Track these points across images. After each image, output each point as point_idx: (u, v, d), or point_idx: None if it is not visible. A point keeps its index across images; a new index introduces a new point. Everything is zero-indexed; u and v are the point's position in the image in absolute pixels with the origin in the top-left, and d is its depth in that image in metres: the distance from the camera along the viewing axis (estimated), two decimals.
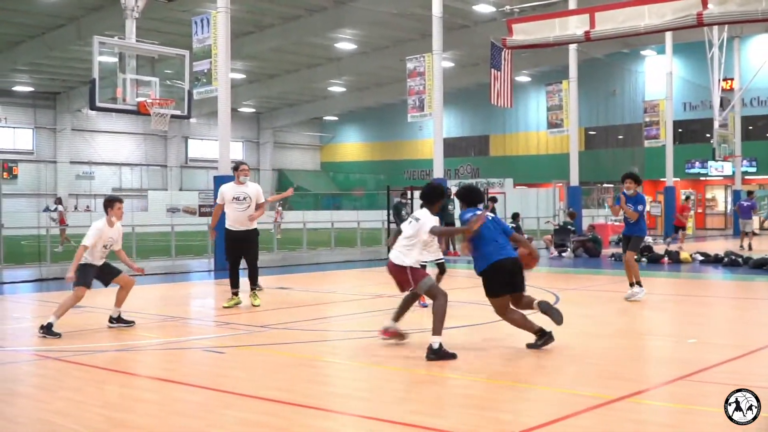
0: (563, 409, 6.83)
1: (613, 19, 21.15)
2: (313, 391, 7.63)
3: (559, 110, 33.98)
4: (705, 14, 19.33)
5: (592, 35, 21.54)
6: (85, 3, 36.19)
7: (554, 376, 8.30)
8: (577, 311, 13.38)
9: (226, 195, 13.52)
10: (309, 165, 73.17)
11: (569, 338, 10.64)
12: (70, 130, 56.10)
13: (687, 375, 8.08)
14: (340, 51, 48.12)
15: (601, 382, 7.90)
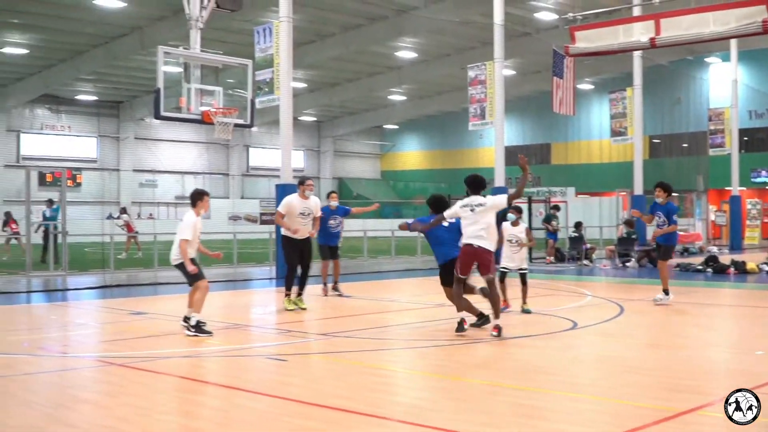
0: (627, 421, 6.72)
1: (677, 26, 20.88)
2: (375, 400, 7.60)
3: (623, 118, 33.62)
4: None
5: (657, 42, 21.27)
6: (149, 13, 36.66)
7: (617, 388, 8.17)
8: (641, 322, 13.24)
9: (293, 209, 14.06)
10: (369, 173, 73.29)
11: (633, 349, 10.52)
12: (133, 138, 56.84)
13: (755, 387, 7.87)
14: (401, 59, 48.13)
15: (666, 395, 7.76)
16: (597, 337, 11.55)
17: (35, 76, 46.73)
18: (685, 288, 19.27)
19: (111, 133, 56.47)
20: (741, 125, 42.46)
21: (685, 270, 23.68)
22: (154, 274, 22.20)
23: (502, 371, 9.15)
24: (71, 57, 43.23)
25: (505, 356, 10.11)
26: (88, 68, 44.18)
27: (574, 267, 25.60)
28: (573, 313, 13.70)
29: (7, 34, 38.32)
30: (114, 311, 14.38)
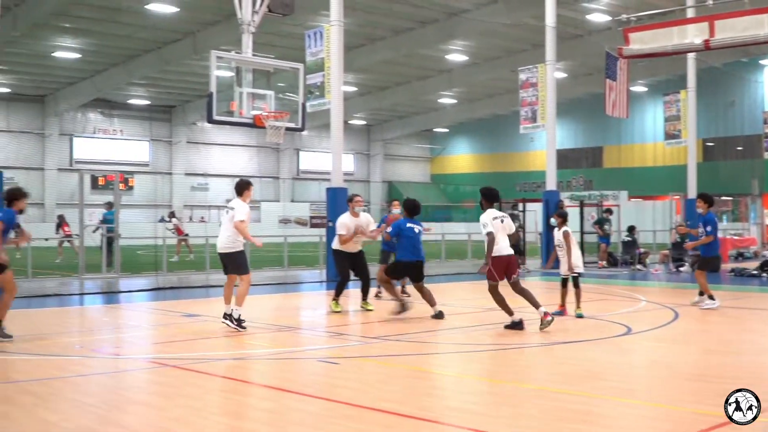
0: (682, 427, 6.64)
1: (732, 28, 20.60)
2: (427, 404, 7.57)
3: (677, 121, 33.26)
4: None
5: (712, 44, 21.00)
6: (201, 18, 36.96)
7: (672, 394, 8.05)
8: (696, 327, 13.05)
9: (349, 227, 14.59)
10: (419, 177, 73.23)
11: (689, 355, 10.37)
12: (185, 142, 57.40)
13: None
14: (451, 62, 48.05)
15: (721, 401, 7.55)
16: (652, 343, 11.39)
17: (87, 81, 47.33)
18: (740, 293, 19.01)
19: (163, 137, 57.07)
20: None
21: (739, 275, 23.35)
22: (205, 277, 22.36)
23: (555, 376, 9.06)
24: (124, 61, 43.71)
25: (558, 361, 10.01)
26: (141, 73, 44.68)
27: (627, 271, 25.32)
28: (627, 318, 13.54)
29: (59, 38, 38.83)
30: (166, 313, 14.49)
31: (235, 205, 12.18)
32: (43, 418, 6.96)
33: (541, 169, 30.25)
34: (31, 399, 7.64)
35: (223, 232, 12.28)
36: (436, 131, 71.63)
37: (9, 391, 8.00)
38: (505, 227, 12.43)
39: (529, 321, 12.16)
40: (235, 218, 12.00)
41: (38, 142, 51.84)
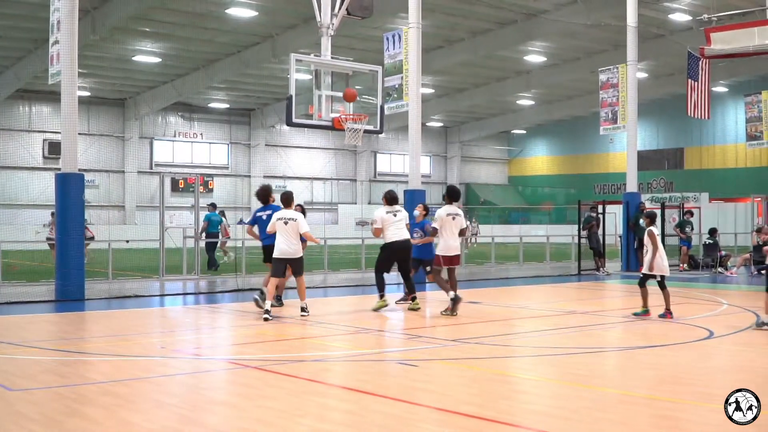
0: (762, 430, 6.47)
1: None
2: (509, 408, 7.53)
3: (759, 122, 32.63)
4: None
5: None
6: (281, 21, 37.28)
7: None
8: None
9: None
10: (496, 179, 72.86)
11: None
12: (263, 145, 57.93)
13: None
14: (530, 64, 47.72)
15: None
16: (734, 347, 11.18)
17: (167, 85, 48.08)
18: None
19: (242, 140, 57.68)
20: None
21: None
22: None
23: (636, 380, 8.94)
24: (204, 65, 44.30)
25: (639, 365, 9.87)
26: (220, 76, 45.20)
27: (708, 275, 24.88)
28: (708, 322, 13.32)
29: (139, 42, 39.51)
30: (246, 314, 14.65)
31: (297, 218, 14.08)
32: (125, 419, 7.07)
33: (621, 171, 29.88)
34: (112, 400, 7.76)
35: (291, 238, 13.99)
36: (514, 133, 71.20)
37: (91, 393, 8.12)
38: (457, 223, 14.34)
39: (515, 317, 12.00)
40: (300, 229, 14.00)
41: (119, 145, 52.77)
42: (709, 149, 59.34)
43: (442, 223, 14.30)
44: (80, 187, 17.47)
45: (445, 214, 14.33)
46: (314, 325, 13.25)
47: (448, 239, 14.23)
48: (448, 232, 14.30)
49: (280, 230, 13.91)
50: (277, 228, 13.98)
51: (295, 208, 14.82)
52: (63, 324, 13.99)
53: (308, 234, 14.09)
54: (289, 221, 13.92)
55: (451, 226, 14.28)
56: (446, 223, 14.26)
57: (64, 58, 17.03)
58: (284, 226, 13.90)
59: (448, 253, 14.35)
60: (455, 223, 14.33)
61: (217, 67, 43.94)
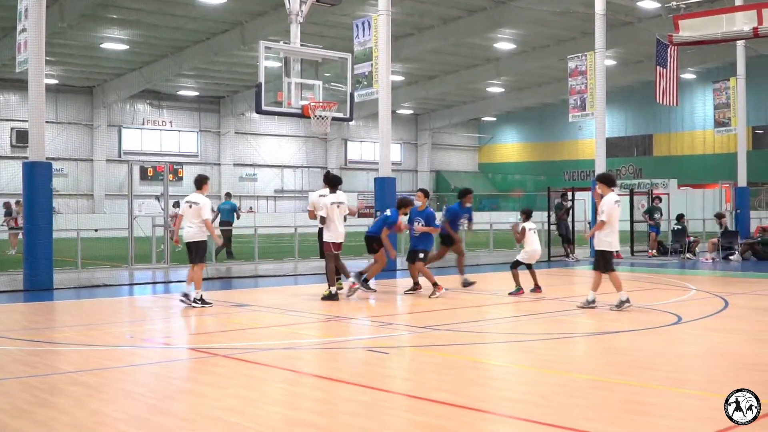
0: None
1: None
2: (480, 394, 7.55)
3: (727, 108, 32.84)
4: None
5: (760, 31, 20.71)
6: (250, 9, 37.11)
7: (724, 383, 7.92)
8: (747, 316, 12.90)
9: None
10: (467, 166, 73.03)
11: (739, 344, 10.26)
12: (233, 133, 57.71)
13: None
14: (499, 51, 47.81)
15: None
16: (702, 332, 11.28)
17: (136, 72, 47.76)
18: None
19: (212, 128, 57.42)
20: None
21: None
22: (254, 267, 22.48)
23: (606, 365, 9.01)
24: (172, 52, 44.03)
25: (609, 350, 9.94)
26: (189, 64, 44.94)
27: (676, 260, 25.07)
28: (677, 307, 13.41)
29: (107, 29, 39.19)
30: (216, 303, 14.60)
31: (200, 201, 14.25)
32: (95, 409, 7.02)
33: (590, 158, 30.04)
34: (82, 390, 7.71)
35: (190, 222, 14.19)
36: (484, 120, 71.38)
37: (60, 383, 8.06)
38: (341, 211, 15.08)
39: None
40: (202, 216, 14.10)
41: (87, 133, 52.36)
42: (678, 136, 59.80)
43: (329, 211, 14.94)
44: (48, 176, 17.31)
45: (329, 203, 14.96)
46: (284, 313, 13.23)
47: (338, 226, 14.99)
48: (337, 220, 15.00)
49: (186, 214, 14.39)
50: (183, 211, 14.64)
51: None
52: (31, 314, 13.88)
53: (207, 222, 14.30)
54: (193, 205, 14.30)
55: (338, 213, 14.99)
56: (333, 212, 14.93)
57: (31, 46, 16.86)
58: (188, 209, 14.33)
59: (338, 240, 15.10)
60: (340, 210, 15.05)
61: (185, 54, 43.68)
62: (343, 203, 15.22)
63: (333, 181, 15.45)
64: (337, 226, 15.01)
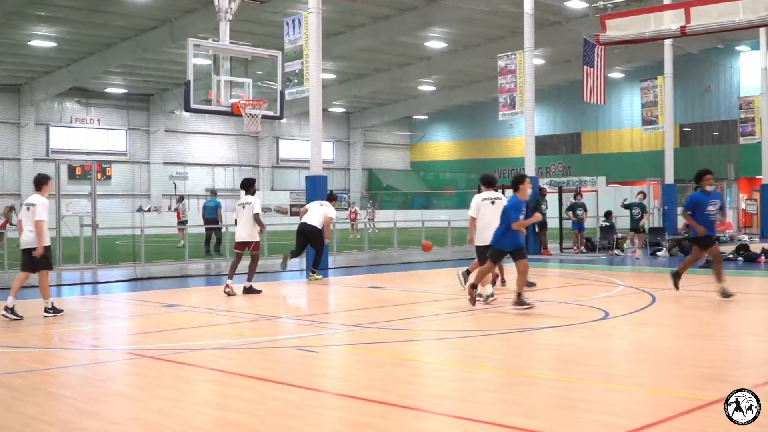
0: (663, 411, 6.65)
1: (708, 14, 20.74)
2: (410, 392, 7.56)
3: (654, 107, 33.40)
4: None
5: (688, 30, 21.14)
6: (178, 5, 36.76)
7: (651, 378, 8.09)
8: (673, 311, 13.14)
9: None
10: (399, 164, 73.23)
11: (666, 339, 10.44)
12: (163, 131, 57.08)
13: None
14: (431, 50, 48.02)
15: (699, 384, 7.68)
16: (630, 327, 11.46)
17: (64, 69, 47.00)
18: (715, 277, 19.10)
19: (141, 126, 56.72)
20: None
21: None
22: (184, 266, 22.28)
23: (536, 361, 9.11)
24: (100, 50, 43.43)
25: (539, 346, 10.05)
26: (118, 61, 44.38)
27: (605, 257, 25.43)
28: (604, 303, 13.61)
29: (34, 26, 38.48)
30: (145, 304, 14.44)
31: (37, 202, 13.00)
32: (22, 412, 6.89)
33: (520, 156, 30.31)
34: (8, 392, 7.57)
35: (26, 227, 12.99)
36: (416, 118, 71.64)
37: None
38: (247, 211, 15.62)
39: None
40: (36, 217, 12.79)
41: (14, 131, 51.36)
42: (606, 134, 60.67)
43: (239, 214, 15.76)
44: None
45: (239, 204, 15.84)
46: (214, 313, 13.13)
47: (240, 227, 15.77)
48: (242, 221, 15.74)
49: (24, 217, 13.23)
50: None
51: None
52: None
53: (40, 224, 12.91)
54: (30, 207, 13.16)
55: (243, 214, 15.68)
56: (239, 213, 15.74)
57: None
58: (26, 212, 13.22)
59: (237, 239, 15.88)
60: (246, 211, 15.65)
61: (114, 51, 43.10)
62: (248, 204, 15.68)
63: (245, 184, 16.30)
64: (241, 226, 15.71)
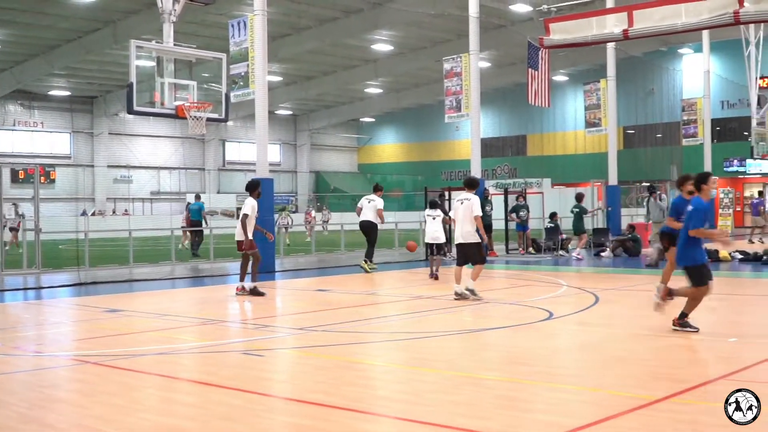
0: (607, 410, 6.71)
1: (650, 18, 21.03)
2: (355, 394, 7.55)
3: (597, 109, 33.74)
4: (741, 12, 19.18)
5: (630, 34, 21.40)
6: (122, 6, 36.43)
7: (595, 377, 8.18)
8: (616, 311, 13.28)
9: None
10: (346, 167, 73.21)
11: (610, 338, 10.55)
12: (107, 134, 56.48)
13: (729, 374, 7.95)
14: (377, 52, 48.09)
15: (643, 383, 7.76)
16: (574, 327, 11.56)
17: (6, 72, 46.35)
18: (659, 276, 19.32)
19: (85, 129, 56.06)
20: (713, 115, 42.69)
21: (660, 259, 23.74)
22: (129, 271, 22.04)
23: (481, 362, 9.14)
24: (43, 52, 42.89)
25: (484, 347, 10.10)
26: (61, 63, 43.85)
27: (550, 257, 25.63)
28: (549, 304, 13.71)
29: None
30: (89, 309, 14.27)
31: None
32: None
33: (467, 158, 30.43)
34: None
35: None
36: (363, 121, 71.69)
37: None
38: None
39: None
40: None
41: None
42: (551, 136, 61.23)
43: None
44: None
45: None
46: (159, 318, 13.01)
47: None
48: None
49: None
50: None
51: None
52: None
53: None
54: None
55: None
56: None
57: None
58: None
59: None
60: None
61: (57, 53, 42.60)
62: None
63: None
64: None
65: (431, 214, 18.73)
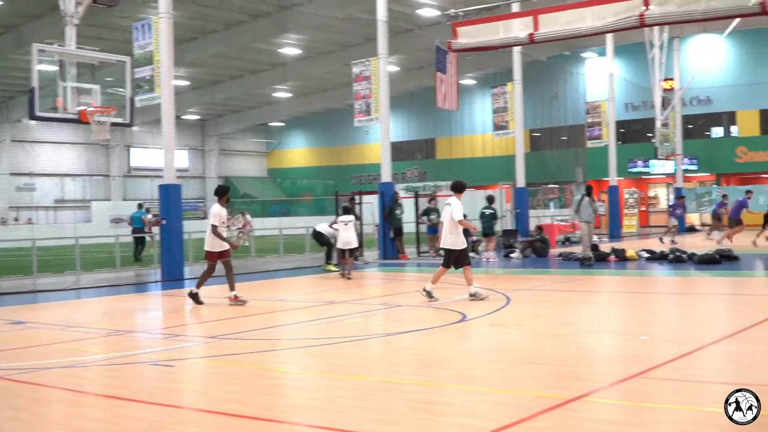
0: (518, 411, 6.72)
1: (555, 22, 21.30)
2: (269, 403, 7.43)
3: (505, 112, 34.13)
4: (647, 15, 19.50)
5: (536, 37, 21.65)
6: (24, 11, 35.60)
7: (508, 378, 8.19)
8: (527, 311, 13.38)
9: None
10: (255, 171, 72.69)
11: (522, 339, 10.61)
12: (9, 141, 55.07)
13: (639, 372, 8.05)
14: (285, 56, 47.88)
15: (555, 383, 7.81)
16: (487, 329, 11.61)
17: None
18: (567, 276, 19.63)
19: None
20: (618, 117, 43.45)
21: (567, 259, 24.11)
22: (33, 282, 21.44)
23: (395, 367, 9.08)
24: None
25: (398, 351, 10.05)
26: None
27: None
28: (461, 306, 13.75)
29: None
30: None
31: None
32: None
33: (377, 162, 30.45)
34: None
35: None
36: (272, 125, 71.31)
37: None
38: None
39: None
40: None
41: None
42: (459, 139, 61.68)
43: None
44: None
45: None
46: (65, 329, 12.65)
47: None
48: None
49: None
50: None
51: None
52: None
53: None
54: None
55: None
56: None
57: None
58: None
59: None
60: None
61: None
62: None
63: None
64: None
65: (344, 220, 19.76)
